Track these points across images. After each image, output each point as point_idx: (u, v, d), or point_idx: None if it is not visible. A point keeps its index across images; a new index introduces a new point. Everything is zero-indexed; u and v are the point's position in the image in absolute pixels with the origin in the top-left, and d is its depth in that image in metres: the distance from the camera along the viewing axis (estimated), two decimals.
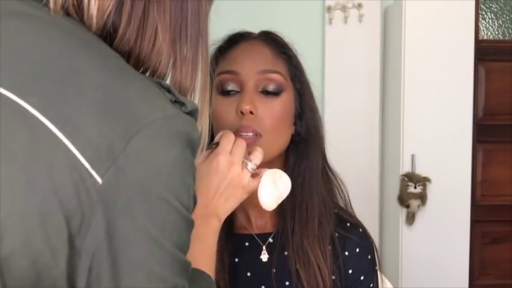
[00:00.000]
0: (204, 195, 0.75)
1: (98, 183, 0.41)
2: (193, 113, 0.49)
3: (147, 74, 0.52)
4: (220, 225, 0.76)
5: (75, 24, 0.47)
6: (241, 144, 0.78)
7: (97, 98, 0.43)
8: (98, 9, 0.48)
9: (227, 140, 0.77)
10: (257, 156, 0.79)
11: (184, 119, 0.47)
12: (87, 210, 0.41)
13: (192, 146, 0.48)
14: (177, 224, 0.46)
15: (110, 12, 0.49)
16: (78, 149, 0.41)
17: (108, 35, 0.50)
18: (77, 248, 0.42)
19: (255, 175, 0.79)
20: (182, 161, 0.46)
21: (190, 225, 0.49)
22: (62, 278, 0.42)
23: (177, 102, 0.48)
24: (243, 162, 0.77)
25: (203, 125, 0.58)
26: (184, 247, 0.49)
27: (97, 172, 0.41)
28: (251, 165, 0.78)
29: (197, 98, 0.56)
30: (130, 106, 0.44)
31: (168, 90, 0.49)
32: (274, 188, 0.80)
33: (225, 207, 0.76)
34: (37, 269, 0.41)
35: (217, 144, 0.78)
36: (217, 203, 0.75)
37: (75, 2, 0.48)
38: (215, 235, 0.75)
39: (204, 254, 0.71)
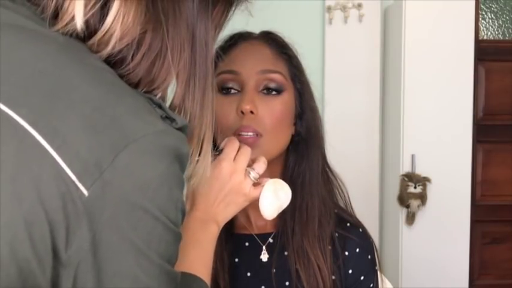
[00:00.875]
0: (204, 200, 0.76)
1: (84, 195, 0.42)
2: (183, 129, 0.50)
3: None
4: (219, 231, 0.76)
5: (71, 39, 0.47)
6: (246, 152, 0.78)
7: (86, 112, 0.43)
8: (114, 47, 0.48)
9: (232, 147, 0.78)
10: (260, 166, 0.80)
11: (174, 134, 0.48)
12: (72, 222, 0.42)
13: (180, 161, 0.48)
14: (164, 236, 0.47)
15: (129, 45, 0.49)
16: (65, 162, 0.42)
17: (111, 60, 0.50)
18: (62, 258, 0.42)
19: (256, 184, 0.80)
20: (170, 175, 0.47)
21: (177, 237, 0.50)
22: (47, 286, 0.43)
23: (168, 118, 0.49)
24: (245, 170, 0.78)
25: (205, 165, 0.60)
26: (172, 259, 0.49)
27: (83, 185, 0.42)
28: (254, 174, 0.79)
29: (201, 139, 0.57)
30: (119, 121, 0.44)
31: (159, 106, 0.49)
32: (276, 198, 0.81)
33: (225, 214, 0.77)
34: (23, 277, 0.42)
35: (221, 151, 0.78)
36: (216, 209, 0.76)
37: (85, 33, 0.48)
38: (213, 241, 0.75)
39: (200, 260, 0.72)
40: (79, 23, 0.46)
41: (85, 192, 0.42)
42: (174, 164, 0.47)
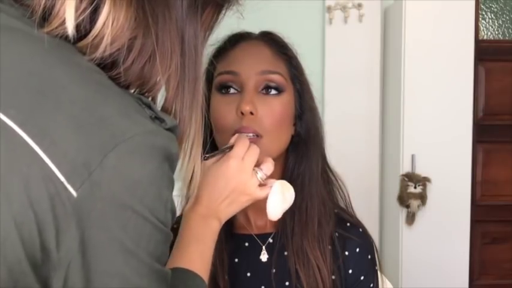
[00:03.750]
0: (207, 195, 0.76)
1: (73, 196, 0.42)
2: (173, 129, 0.50)
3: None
4: (220, 228, 0.77)
5: (60, 40, 0.47)
6: (255, 152, 0.79)
7: (75, 113, 0.43)
8: (104, 51, 0.48)
9: (242, 145, 0.78)
10: (268, 167, 0.80)
11: (163, 135, 0.48)
12: (62, 223, 0.42)
13: (170, 161, 0.48)
14: (153, 236, 0.47)
15: (119, 49, 0.49)
16: (54, 163, 0.42)
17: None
18: (53, 259, 0.43)
19: (261, 185, 0.80)
20: (159, 175, 0.47)
21: (167, 237, 0.50)
22: (38, 287, 0.43)
23: (157, 119, 0.49)
24: (253, 170, 0.78)
25: (195, 168, 0.60)
26: (161, 258, 0.50)
27: (72, 186, 0.42)
28: (261, 175, 0.79)
29: (190, 142, 0.57)
30: (108, 121, 0.44)
31: (149, 107, 0.49)
32: (283, 200, 0.82)
33: (227, 212, 0.77)
34: (14, 278, 0.42)
35: (231, 147, 0.79)
36: (219, 206, 0.77)
37: (75, 37, 0.47)
38: (214, 237, 0.75)
39: (200, 256, 0.72)
40: (70, 27, 0.46)
41: (74, 193, 0.42)
42: (164, 164, 0.47)
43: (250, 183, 0.78)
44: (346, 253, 0.92)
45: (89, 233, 0.43)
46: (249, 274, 0.91)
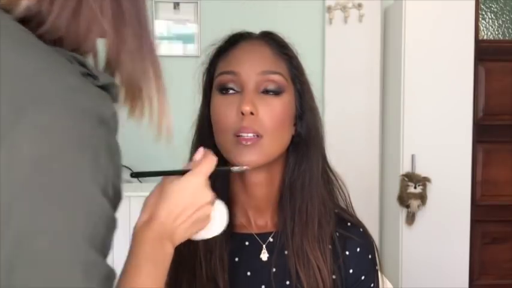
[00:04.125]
0: (166, 213, 0.68)
1: None
2: (107, 87, 0.46)
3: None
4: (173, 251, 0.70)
5: None
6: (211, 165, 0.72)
7: None
8: (26, 4, 0.45)
9: (210, 165, 0.73)
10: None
11: (92, 92, 0.44)
12: None
13: (106, 124, 0.43)
14: (92, 214, 0.41)
15: (38, 3, 0.45)
16: None
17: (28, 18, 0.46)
18: None
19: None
20: (92, 138, 0.42)
21: (108, 218, 0.43)
22: None
23: (90, 76, 0.45)
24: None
25: (166, 116, 0.54)
26: (103, 247, 0.42)
27: None
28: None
29: (153, 89, 0.52)
30: (29, 79, 0.41)
31: (81, 64, 0.45)
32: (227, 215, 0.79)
33: (183, 236, 0.70)
34: None
35: (185, 172, 0.71)
36: (177, 229, 0.69)
37: None
38: (168, 262, 0.68)
39: (154, 281, 0.64)
40: None
41: None
42: (99, 127, 0.42)
43: (209, 206, 0.72)
44: (347, 253, 0.92)
45: (12, 202, 0.38)
46: (249, 273, 0.91)
